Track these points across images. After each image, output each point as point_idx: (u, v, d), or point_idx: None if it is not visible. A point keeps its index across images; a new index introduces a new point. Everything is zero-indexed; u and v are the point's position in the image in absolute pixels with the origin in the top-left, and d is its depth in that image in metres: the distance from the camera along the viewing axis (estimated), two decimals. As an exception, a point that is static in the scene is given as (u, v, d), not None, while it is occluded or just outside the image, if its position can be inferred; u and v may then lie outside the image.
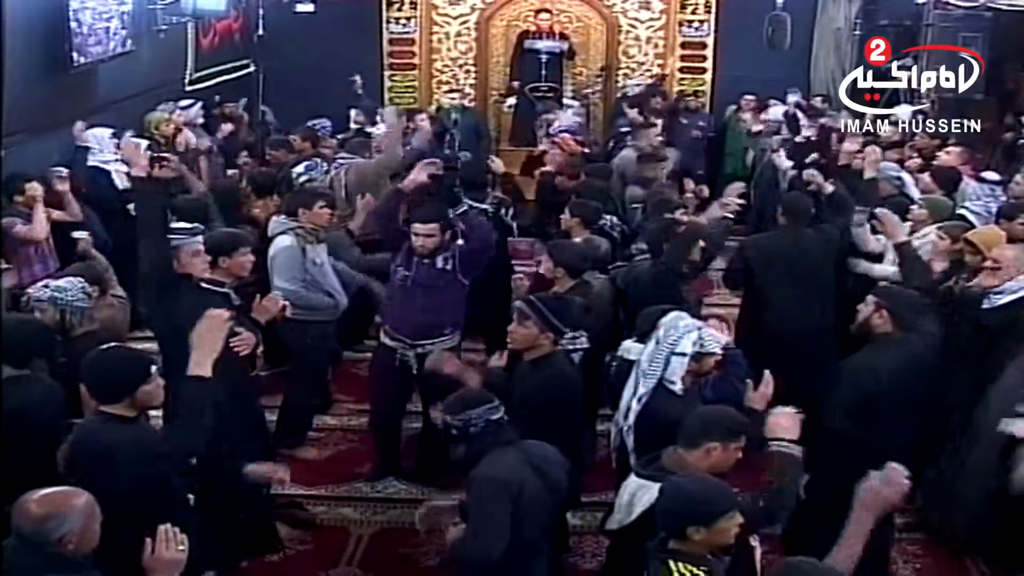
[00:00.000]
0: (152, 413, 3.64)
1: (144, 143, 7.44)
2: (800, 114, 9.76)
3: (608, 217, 6.32)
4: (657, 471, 3.42)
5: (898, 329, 4.36)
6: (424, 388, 5.43)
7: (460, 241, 5.27)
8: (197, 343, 3.48)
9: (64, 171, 6.57)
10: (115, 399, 3.39)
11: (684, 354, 3.92)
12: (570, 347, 4.42)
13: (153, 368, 3.47)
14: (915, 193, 6.77)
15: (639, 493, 3.42)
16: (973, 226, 5.91)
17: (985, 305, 4.93)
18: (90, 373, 3.46)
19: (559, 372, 4.21)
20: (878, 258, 6.08)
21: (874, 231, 6.18)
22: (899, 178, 6.81)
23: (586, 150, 8.32)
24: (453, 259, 5.23)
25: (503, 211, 6.68)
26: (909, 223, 6.19)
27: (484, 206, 6.56)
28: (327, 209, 5.83)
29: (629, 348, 4.36)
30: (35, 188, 6.06)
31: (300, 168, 6.70)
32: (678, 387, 3.92)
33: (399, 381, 5.42)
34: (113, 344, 3.63)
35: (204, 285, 4.68)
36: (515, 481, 3.39)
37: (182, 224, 4.82)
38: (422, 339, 5.25)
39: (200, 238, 4.76)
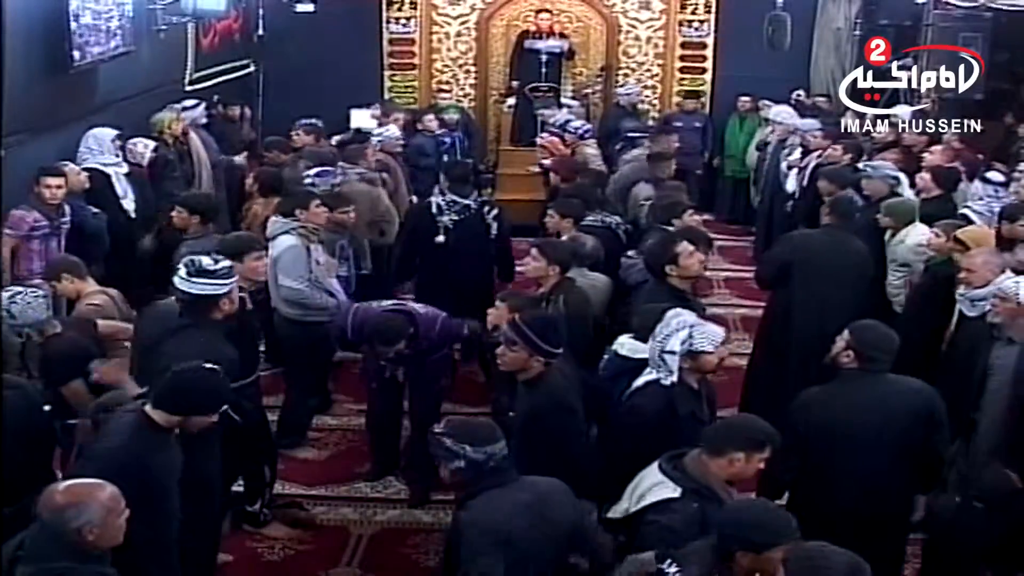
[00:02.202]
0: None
1: (152, 144, 7.51)
2: (791, 110, 9.80)
3: (612, 217, 6.32)
4: (680, 471, 3.40)
5: (862, 368, 4.10)
6: (411, 392, 5.46)
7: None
8: None
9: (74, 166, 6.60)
10: (170, 411, 3.46)
11: (673, 352, 3.91)
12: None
13: (223, 407, 3.55)
14: (908, 194, 6.78)
15: (655, 488, 3.38)
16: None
17: (971, 313, 4.91)
18: (172, 379, 3.50)
19: (552, 393, 4.06)
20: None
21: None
22: (895, 178, 6.80)
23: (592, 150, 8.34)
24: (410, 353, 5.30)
25: (486, 209, 6.69)
26: (889, 230, 6.21)
27: (468, 201, 6.58)
28: (324, 208, 5.86)
29: (623, 343, 4.37)
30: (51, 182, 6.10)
31: (313, 172, 6.66)
32: (668, 381, 3.91)
33: (392, 386, 5.45)
34: (215, 368, 3.63)
35: None
36: (509, 528, 3.21)
37: (207, 263, 4.28)
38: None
39: (235, 277, 4.41)
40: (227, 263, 4.38)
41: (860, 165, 7.39)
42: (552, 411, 4.02)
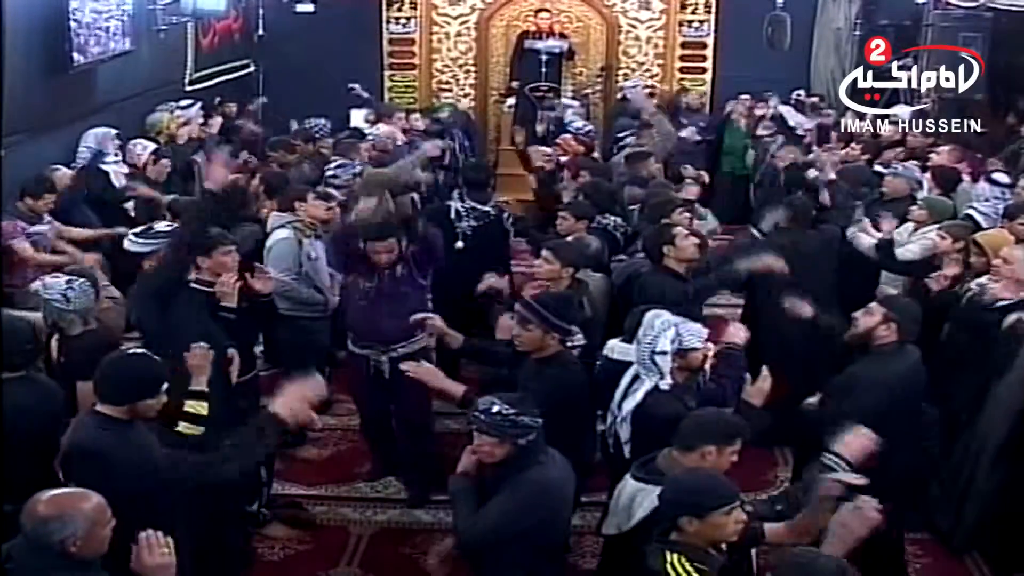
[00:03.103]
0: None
1: (152, 145, 7.52)
2: (793, 111, 9.80)
3: (612, 218, 6.32)
4: (653, 474, 3.43)
5: (899, 342, 4.30)
6: (396, 394, 5.40)
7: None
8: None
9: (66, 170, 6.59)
10: (117, 403, 3.40)
11: (664, 352, 3.92)
12: (567, 344, 4.35)
13: (164, 386, 3.48)
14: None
15: (639, 497, 3.42)
16: (979, 226, 5.91)
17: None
18: (105, 372, 3.46)
19: (567, 371, 4.14)
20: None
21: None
22: (919, 181, 6.80)
23: (595, 154, 8.33)
24: (408, 264, 5.24)
25: (505, 215, 6.67)
26: (911, 223, 6.20)
27: (487, 208, 6.55)
28: (321, 201, 5.84)
29: (613, 347, 4.36)
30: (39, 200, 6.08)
31: (334, 165, 6.59)
32: (666, 383, 3.92)
33: (378, 386, 5.40)
34: (139, 351, 3.62)
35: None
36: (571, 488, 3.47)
37: (161, 226, 4.74)
38: (393, 344, 5.25)
39: (160, 243, 4.67)
40: (167, 228, 4.74)
41: (876, 166, 7.41)
42: (566, 387, 4.05)
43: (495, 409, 3.36)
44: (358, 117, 9.71)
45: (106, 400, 3.41)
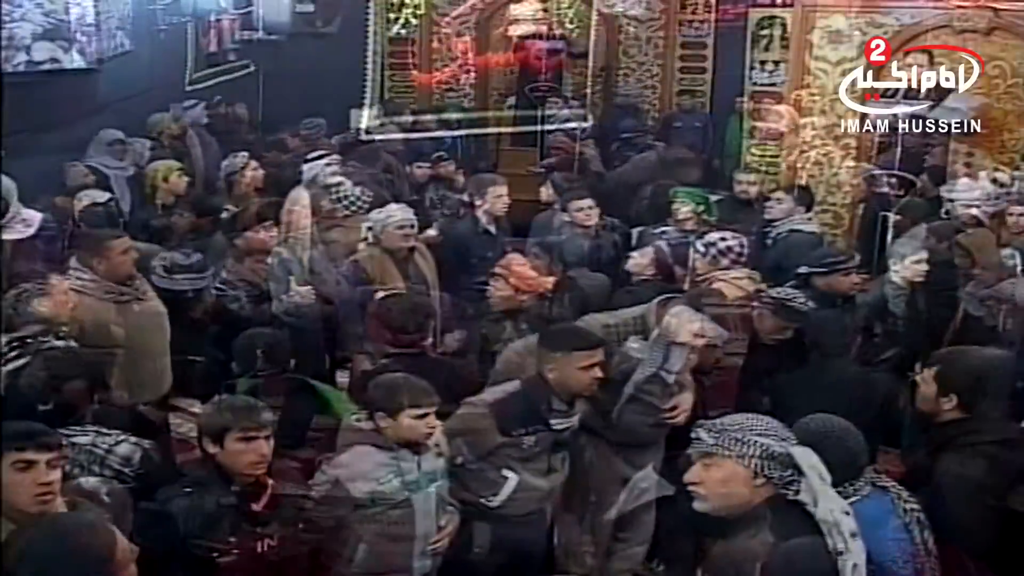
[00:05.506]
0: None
1: (148, 143, 7.52)
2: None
3: (611, 219, 6.34)
4: None
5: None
6: None
7: None
8: None
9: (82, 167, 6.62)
10: None
11: (684, 344, 3.91)
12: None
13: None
14: None
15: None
16: (981, 224, 5.93)
17: (979, 313, 4.93)
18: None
19: None
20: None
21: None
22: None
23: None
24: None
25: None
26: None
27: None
28: (302, 208, 5.81)
29: (633, 346, 4.36)
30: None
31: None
32: (673, 378, 3.92)
33: None
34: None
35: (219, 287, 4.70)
36: None
37: (189, 273, 4.46)
38: None
39: (211, 270, 4.49)
40: (199, 256, 4.47)
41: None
42: None
43: None
44: (358, 117, 9.70)
45: None
